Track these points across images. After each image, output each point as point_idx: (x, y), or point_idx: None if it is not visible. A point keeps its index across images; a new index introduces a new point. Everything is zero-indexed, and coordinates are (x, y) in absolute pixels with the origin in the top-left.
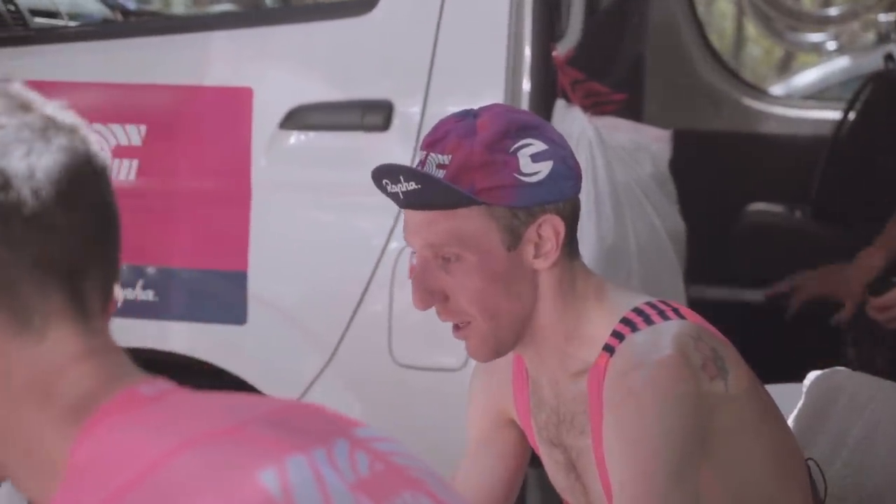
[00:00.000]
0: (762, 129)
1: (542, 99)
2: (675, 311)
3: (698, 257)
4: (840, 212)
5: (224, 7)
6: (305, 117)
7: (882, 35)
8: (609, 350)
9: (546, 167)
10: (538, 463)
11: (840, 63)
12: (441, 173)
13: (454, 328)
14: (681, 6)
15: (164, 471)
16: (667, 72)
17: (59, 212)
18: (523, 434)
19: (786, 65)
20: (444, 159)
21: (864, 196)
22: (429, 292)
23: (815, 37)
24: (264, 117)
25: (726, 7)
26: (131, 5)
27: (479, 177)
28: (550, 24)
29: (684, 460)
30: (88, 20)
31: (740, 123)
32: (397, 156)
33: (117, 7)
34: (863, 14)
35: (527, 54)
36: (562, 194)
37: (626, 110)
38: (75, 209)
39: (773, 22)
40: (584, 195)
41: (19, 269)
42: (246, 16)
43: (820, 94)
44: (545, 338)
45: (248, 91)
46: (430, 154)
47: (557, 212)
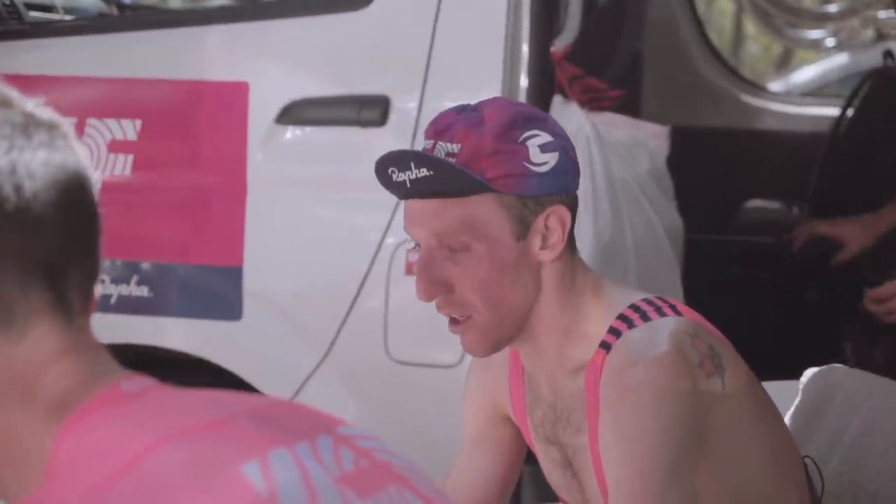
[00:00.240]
0: (760, 125)
1: (540, 95)
2: (672, 307)
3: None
4: (838, 209)
5: (220, 1)
6: (302, 112)
7: (881, 32)
8: (606, 347)
9: (553, 158)
10: (533, 460)
11: (839, 60)
12: (451, 161)
13: (452, 322)
14: (679, 3)
15: (145, 465)
16: (665, 68)
17: (41, 208)
18: (519, 431)
19: (784, 62)
20: (454, 148)
21: (863, 193)
22: (434, 283)
23: (815, 33)
24: (260, 112)
25: (725, 4)
26: None
27: (490, 165)
28: (548, 19)
29: (681, 458)
30: (84, 14)
31: (738, 120)
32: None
33: (113, 1)
34: (862, 11)
35: (524, 50)
36: (567, 186)
37: (624, 107)
38: (57, 206)
39: (773, 18)
40: (581, 191)
41: (1, 265)
42: (242, 10)
43: (818, 90)
44: (543, 333)
45: (245, 85)
46: (439, 143)
47: (563, 203)
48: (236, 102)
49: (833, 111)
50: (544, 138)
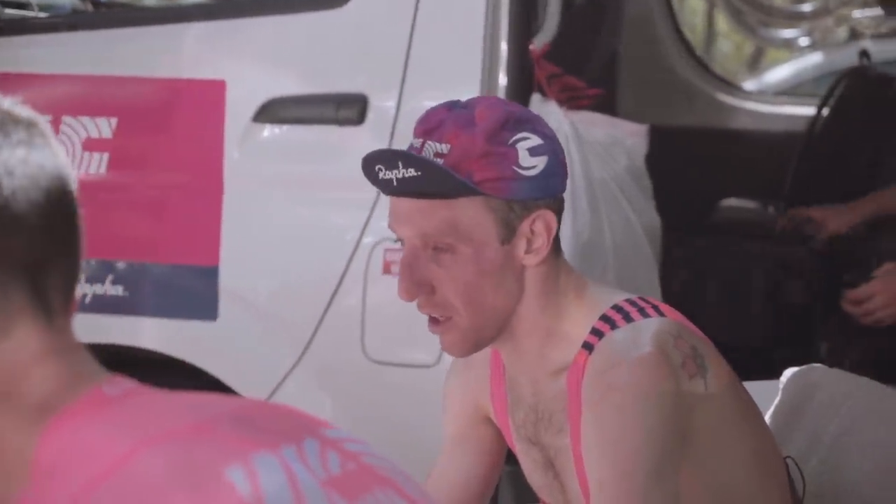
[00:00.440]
0: (736, 124)
1: (519, 93)
2: (655, 308)
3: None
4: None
5: None
6: (279, 110)
7: (855, 31)
8: (588, 348)
9: (542, 161)
10: (511, 460)
11: (813, 59)
12: (439, 162)
13: (431, 322)
14: (656, 1)
15: (129, 468)
16: (641, 67)
17: (20, 207)
18: (500, 431)
19: (756, 61)
20: (443, 148)
21: (838, 192)
22: (416, 283)
23: (788, 32)
24: (237, 110)
25: (697, 3)
26: None
27: (479, 167)
28: (527, 17)
29: (664, 459)
30: (59, 11)
31: (714, 119)
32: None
33: None
34: (835, 10)
35: (503, 48)
36: (554, 190)
37: (600, 105)
38: (36, 204)
39: (746, 17)
40: None
41: None
42: (220, 8)
43: (793, 90)
44: (525, 335)
45: (221, 84)
46: (428, 142)
47: (549, 207)
48: (213, 101)
49: (808, 110)
50: (534, 141)
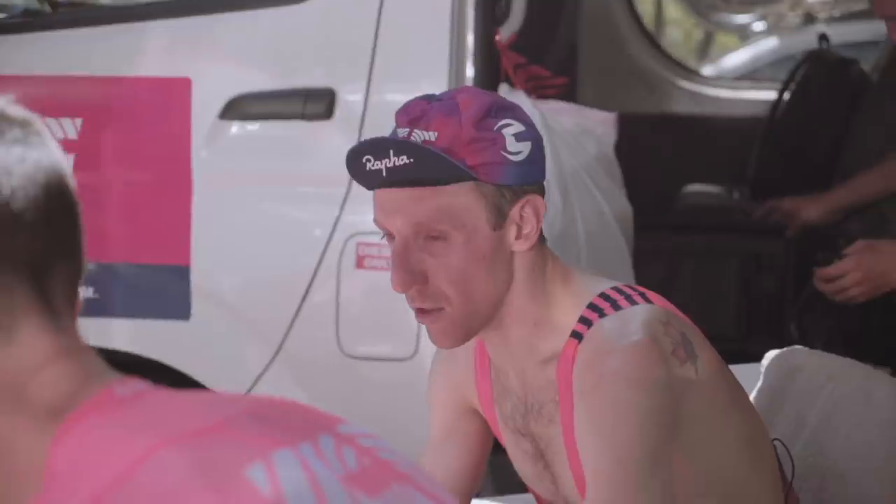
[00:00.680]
0: (698, 110)
1: (486, 84)
2: (642, 295)
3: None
4: (777, 192)
5: None
6: (246, 107)
7: (809, 15)
8: (577, 337)
9: (526, 147)
10: (495, 451)
11: (769, 44)
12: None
13: (421, 313)
14: None
15: (145, 469)
16: (600, 55)
17: (21, 205)
18: (486, 423)
19: (705, 48)
20: (431, 136)
21: (801, 176)
22: (410, 274)
23: (742, 18)
24: (204, 108)
25: None
26: None
27: (469, 153)
28: (492, 7)
29: (659, 446)
30: (16, 11)
31: (675, 105)
32: (340, 145)
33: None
34: None
35: (470, 39)
36: (539, 176)
37: (561, 95)
38: (36, 203)
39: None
40: None
41: None
42: (183, 4)
43: (750, 75)
44: (514, 324)
45: (187, 81)
46: (415, 130)
47: (537, 193)
48: (179, 98)
49: (768, 95)
50: (518, 127)
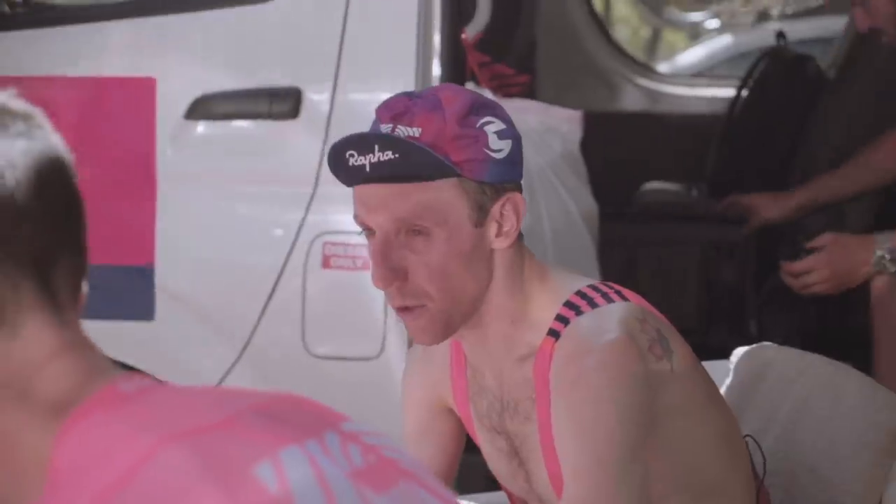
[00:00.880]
0: (655, 108)
1: (453, 83)
2: (618, 292)
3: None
4: (735, 189)
5: None
6: (211, 107)
7: (762, 13)
8: (554, 335)
9: (507, 145)
10: (468, 450)
11: (722, 41)
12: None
13: (402, 310)
14: None
15: (152, 465)
16: (558, 53)
17: (24, 198)
18: (460, 422)
19: (652, 46)
20: (415, 131)
21: (759, 172)
22: (392, 270)
23: (695, 15)
24: (169, 107)
25: None
26: None
27: (453, 149)
28: (458, 6)
29: (637, 442)
30: None
31: (632, 103)
32: (307, 144)
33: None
34: None
35: (436, 38)
36: (519, 174)
37: (523, 92)
38: (40, 195)
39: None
40: None
41: None
42: (148, 4)
43: (706, 72)
44: (492, 321)
45: (152, 81)
46: (399, 126)
47: (517, 190)
48: (143, 98)
49: (725, 92)
50: (499, 125)
